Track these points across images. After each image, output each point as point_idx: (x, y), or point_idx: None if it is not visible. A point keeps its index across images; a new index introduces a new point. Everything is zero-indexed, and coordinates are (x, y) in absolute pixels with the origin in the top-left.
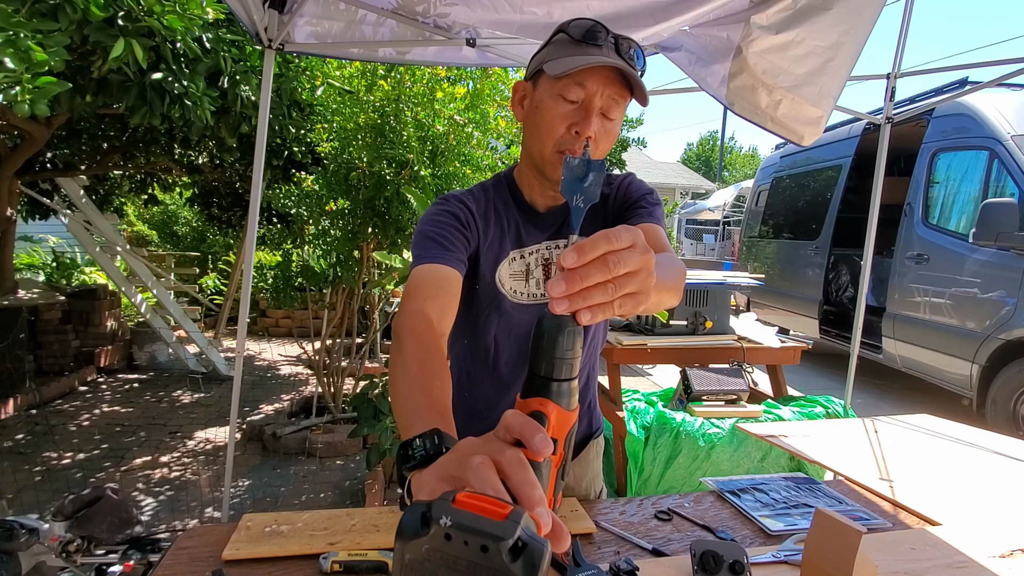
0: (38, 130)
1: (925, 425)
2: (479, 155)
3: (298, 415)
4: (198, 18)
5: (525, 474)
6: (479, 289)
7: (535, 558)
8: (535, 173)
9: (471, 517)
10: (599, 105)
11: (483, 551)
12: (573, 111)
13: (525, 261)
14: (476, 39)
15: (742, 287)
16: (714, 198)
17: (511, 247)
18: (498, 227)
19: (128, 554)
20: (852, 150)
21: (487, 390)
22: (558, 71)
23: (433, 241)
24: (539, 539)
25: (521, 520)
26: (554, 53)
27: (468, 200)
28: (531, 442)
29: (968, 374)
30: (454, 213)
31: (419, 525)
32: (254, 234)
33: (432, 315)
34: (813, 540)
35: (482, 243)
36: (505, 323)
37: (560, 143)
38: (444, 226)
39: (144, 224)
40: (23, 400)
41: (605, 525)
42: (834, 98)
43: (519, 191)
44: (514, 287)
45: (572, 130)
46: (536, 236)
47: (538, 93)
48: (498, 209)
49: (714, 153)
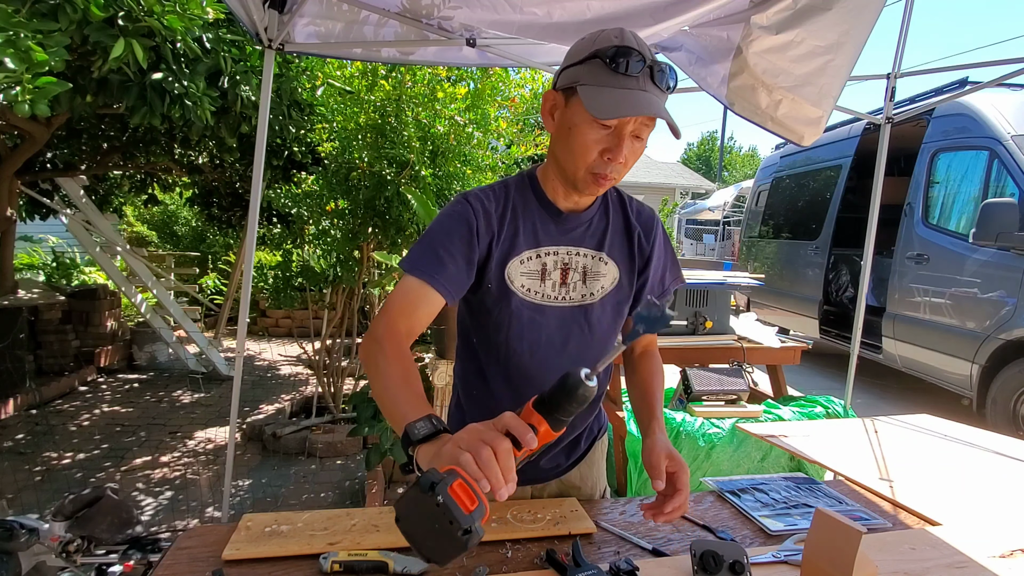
0: (38, 130)
1: (925, 425)
2: (480, 155)
3: (298, 415)
4: (198, 18)
5: (510, 463)
6: (490, 288)
7: (472, 540)
8: (563, 180)
9: (453, 504)
10: (631, 130)
11: (449, 524)
12: (606, 136)
13: (541, 261)
14: (476, 39)
15: (742, 287)
16: (714, 198)
17: (525, 246)
18: (512, 226)
19: (128, 554)
20: (852, 150)
21: (499, 385)
22: (596, 111)
23: (433, 253)
24: (480, 529)
25: (475, 518)
26: (590, 78)
27: (487, 200)
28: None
29: (968, 374)
30: (467, 219)
31: (428, 487)
32: (254, 234)
33: (401, 328)
34: (813, 540)
35: (494, 243)
36: (516, 321)
37: (592, 166)
38: (451, 236)
39: (144, 224)
40: (23, 400)
41: (605, 525)
42: (834, 98)
43: (542, 191)
44: (526, 285)
45: (604, 156)
46: (555, 237)
47: (571, 112)
48: (516, 208)
49: (714, 153)
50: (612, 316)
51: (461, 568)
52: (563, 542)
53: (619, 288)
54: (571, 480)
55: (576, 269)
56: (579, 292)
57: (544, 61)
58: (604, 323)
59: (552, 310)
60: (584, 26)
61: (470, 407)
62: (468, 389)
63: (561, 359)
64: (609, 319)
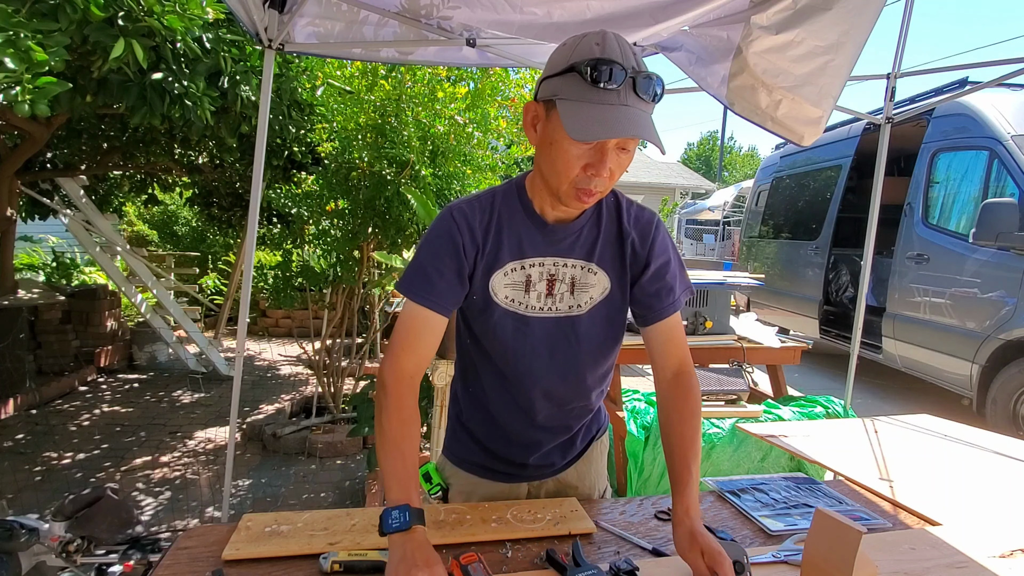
0: (38, 130)
1: (925, 425)
2: (480, 155)
3: (298, 415)
4: (198, 18)
5: None
6: (475, 299)
7: None
8: (549, 192)
9: None
10: (615, 143)
11: None
12: (588, 151)
13: (526, 272)
14: (476, 39)
15: (742, 287)
16: (714, 198)
17: (509, 258)
18: (497, 240)
19: (128, 554)
20: (852, 150)
21: (491, 382)
22: (574, 133)
23: (424, 276)
24: None
25: None
26: (568, 92)
27: (471, 213)
28: None
29: (968, 374)
30: (451, 236)
31: None
32: (254, 234)
33: (408, 368)
34: (813, 540)
35: (479, 256)
36: (501, 331)
37: (576, 181)
38: (439, 256)
39: (144, 224)
40: (23, 400)
41: (605, 525)
42: (834, 98)
43: (529, 200)
44: (510, 296)
45: (588, 171)
46: (541, 248)
47: (551, 126)
48: (501, 220)
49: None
50: (602, 327)
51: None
52: (563, 542)
53: (610, 298)
54: (568, 479)
55: (563, 280)
56: (566, 303)
57: (544, 61)
58: (593, 334)
59: (537, 321)
60: (584, 26)
61: (466, 401)
62: (466, 384)
63: (548, 368)
64: (599, 330)
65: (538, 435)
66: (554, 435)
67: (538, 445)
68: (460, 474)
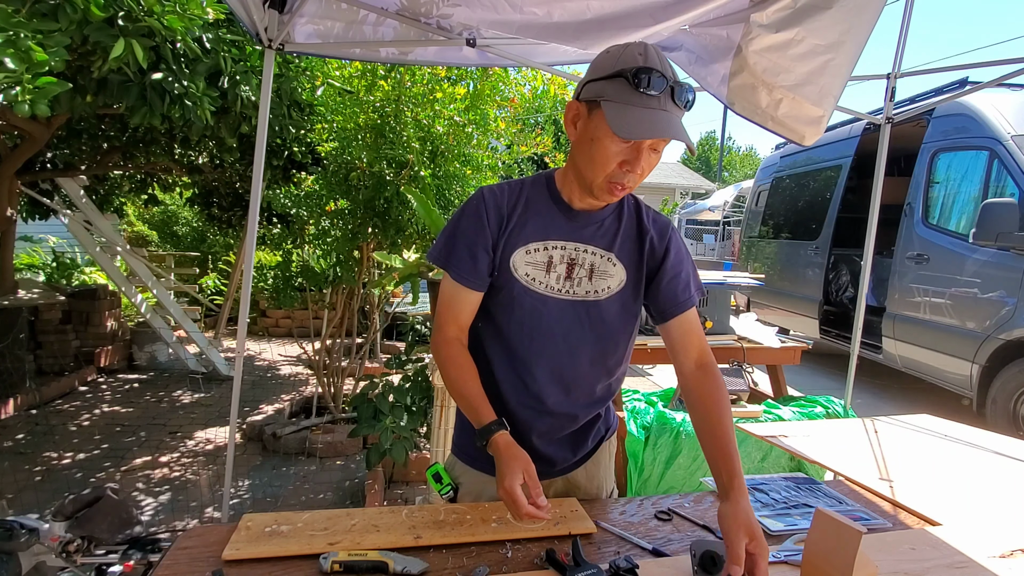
0: (38, 130)
1: (925, 425)
2: (479, 155)
3: (298, 415)
4: (198, 18)
5: None
6: (496, 274)
7: None
8: (581, 185)
9: None
10: (649, 144)
11: None
12: (626, 149)
13: (548, 253)
14: (476, 39)
15: (742, 287)
16: (714, 198)
17: (533, 238)
18: (522, 219)
19: (128, 554)
20: (852, 150)
21: (500, 363)
22: (619, 131)
23: (460, 250)
24: None
25: None
26: (613, 95)
27: (500, 193)
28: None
29: (968, 374)
30: (480, 215)
31: None
32: (254, 234)
33: (452, 333)
34: (813, 540)
35: (502, 232)
36: (519, 308)
37: (611, 176)
38: (472, 231)
39: (144, 224)
40: (23, 400)
41: (605, 525)
42: (835, 97)
43: (557, 190)
44: (530, 274)
45: (623, 167)
46: (565, 231)
47: (593, 125)
48: (529, 202)
49: (714, 153)
50: (617, 318)
51: (461, 568)
52: (563, 542)
53: (625, 291)
54: (577, 479)
55: (583, 265)
56: (584, 288)
57: (544, 61)
58: (607, 323)
59: (554, 301)
60: (584, 26)
61: None
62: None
63: (559, 349)
64: (613, 320)
65: (547, 422)
66: (561, 424)
67: (547, 434)
68: (470, 472)
